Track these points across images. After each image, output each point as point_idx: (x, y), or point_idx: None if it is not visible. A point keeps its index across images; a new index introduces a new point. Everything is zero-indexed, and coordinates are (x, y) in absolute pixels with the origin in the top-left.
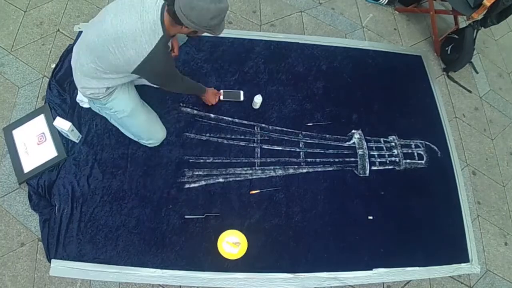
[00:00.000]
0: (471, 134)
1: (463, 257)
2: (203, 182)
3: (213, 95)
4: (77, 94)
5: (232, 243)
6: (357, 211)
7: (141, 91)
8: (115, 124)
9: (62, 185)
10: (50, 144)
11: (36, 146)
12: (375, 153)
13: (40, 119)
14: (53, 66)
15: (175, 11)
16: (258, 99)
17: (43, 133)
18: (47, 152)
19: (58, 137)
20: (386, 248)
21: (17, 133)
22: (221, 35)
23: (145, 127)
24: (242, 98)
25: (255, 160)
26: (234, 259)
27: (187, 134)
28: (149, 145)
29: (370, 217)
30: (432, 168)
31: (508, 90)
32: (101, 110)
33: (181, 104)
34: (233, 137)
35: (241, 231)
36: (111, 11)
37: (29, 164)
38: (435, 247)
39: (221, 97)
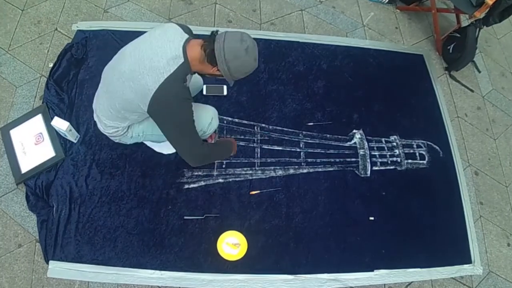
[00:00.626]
0: (474, 134)
1: (465, 258)
2: (202, 183)
3: (235, 145)
4: (75, 93)
5: (231, 244)
6: (358, 211)
7: None
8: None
9: (60, 185)
10: (48, 144)
11: (33, 146)
12: (377, 153)
13: (38, 119)
14: (51, 65)
15: (213, 50)
16: None
17: (41, 133)
18: (45, 152)
19: (56, 137)
20: (387, 249)
21: (14, 133)
22: None
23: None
24: (225, 93)
25: (255, 160)
26: (233, 260)
27: None
28: (212, 130)
29: (371, 218)
30: (434, 168)
31: (511, 89)
32: (132, 140)
33: None
34: (232, 137)
35: (241, 232)
36: (130, 47)
37: (26, 164)
38: (437, 248)
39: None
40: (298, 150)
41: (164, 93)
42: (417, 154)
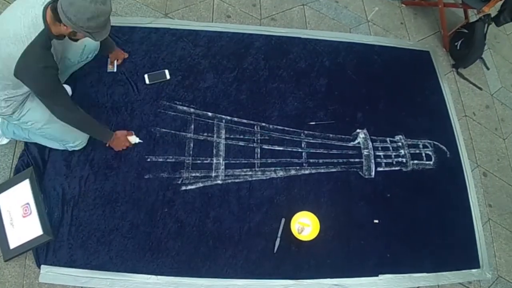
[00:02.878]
0: (482, 133)
1: (473, 263)
2: (200, 184)
3: (123, 140)
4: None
5: (303, 223)
6: (362, 214)
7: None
8: (37, 139)
9: (52, 187)
10: (35, 219)
11: (21, 218)
12: (381, 153)
13: (25, 186)
14: None
15: (56, 7)
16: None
17: (28, 203)
18: (33, 228)
19: (43, 210)
20: (392, 253)
21: (2, 200)
22: (220, 29)
23: (69, 129)
24: (168, 77)
25: (255, 161)
26: (306, 240)
27: (183, 133)
28: (77, 148)
29: (376, 221)
30: (441, 169)
31: None
32: (18, 129)
33: (177, 103)
34: (232, 136)
35: (240, 235)
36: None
37: (15, 239)
38: (444, 252)
39: (134, 141)
40: (299, 150)
41: (26, 61)
42: (423, 155)
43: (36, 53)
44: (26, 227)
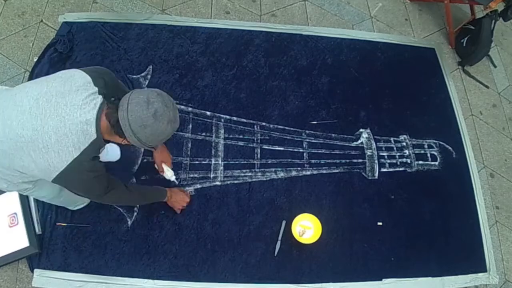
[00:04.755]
0: (489, 133)
1: (480, 267)
2: (198, 186)
3: (181, 197)
4: None
5: (304, 226)
6: (365, 216)
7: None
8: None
9: None
10: (22, 230)
11: (7, 227)
12: (385, 153)
13: (13, 195)
14: (36, 60)
15: (118, 120)
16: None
17: (15, 213)
18: (19, 239)
19: (30, 221)
20: (396, 257)
21: None
22: (218, 26)
23: (75, 196)
24: None
25: (255, 162)
26: (307, 243)
27: (181, 133)
28: (77, 208)
29: (379, 223)
30: (447, 170)
31: None
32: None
33: (175, 101)
34: (231, 136)
35: (239, 238)
36: (29, 99)
37: (0, 247)
38: (450, 255)
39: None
40: (301, 150)
41: (72, 173)
42: (429, 155)
43: (85, 166)
44: (12, 237)
